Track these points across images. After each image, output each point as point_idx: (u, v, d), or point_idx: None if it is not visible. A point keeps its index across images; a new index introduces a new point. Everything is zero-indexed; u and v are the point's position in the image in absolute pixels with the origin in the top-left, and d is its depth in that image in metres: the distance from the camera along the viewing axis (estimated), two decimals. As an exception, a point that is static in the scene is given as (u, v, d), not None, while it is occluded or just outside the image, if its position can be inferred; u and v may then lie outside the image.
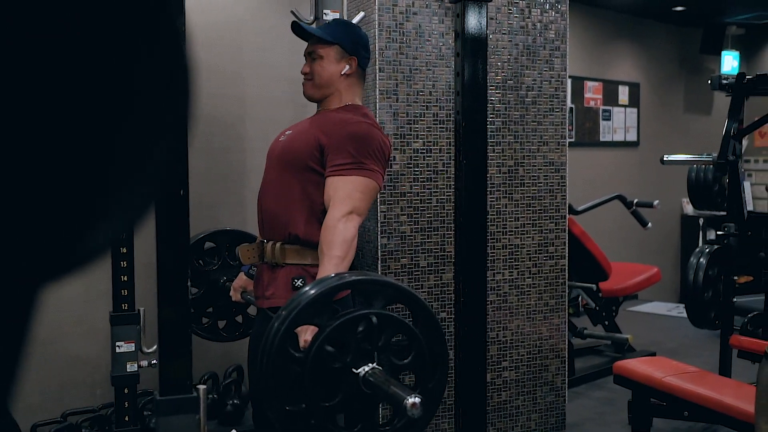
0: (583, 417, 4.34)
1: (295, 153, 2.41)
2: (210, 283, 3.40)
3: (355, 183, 2.29)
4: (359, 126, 2.37)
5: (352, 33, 2.54)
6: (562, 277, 3.89)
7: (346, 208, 2.26)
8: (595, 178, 7.29)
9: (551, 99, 3.81)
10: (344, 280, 1.77)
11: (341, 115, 2.44)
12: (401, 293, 1.83)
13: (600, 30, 7.50)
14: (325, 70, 2.49)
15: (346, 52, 2.50)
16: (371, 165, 2.33)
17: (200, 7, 4.23)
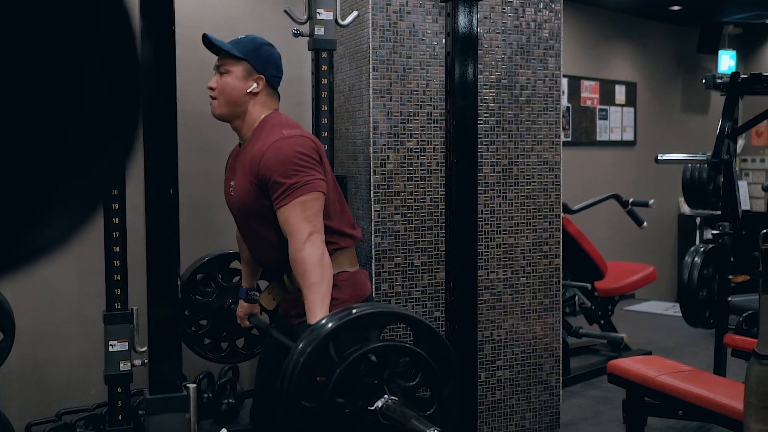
0: (578, 416, 4.34)
1: (248, 206, 2.43)
2: (215, 311, 3.44)
3: (298, 206, 2.29)
4: (273, 149, 2.34)
5: (263, 51, 2.50)
6: (557, 276, 3.89)
7: (303, 234, 2.27)
8: (591, 177, 7.30)
9: (545, 98, 3.82)
10: (334, 326, 1.79)
11: (258, 145, 2.40)
12: (393, 317, 1.86)
13: (597, 29, 7.50)
14: (231, 86, 2.45)
15: (255, 70, 2.46)
16: (302, 177, 2.31)
17: (195, 6, 4.23)
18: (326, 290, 2.25)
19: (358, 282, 2.53)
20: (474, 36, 2.19)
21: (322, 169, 2.40)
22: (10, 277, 0.37)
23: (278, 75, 2.54)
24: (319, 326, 1.84)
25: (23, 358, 3.73)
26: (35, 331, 3.77)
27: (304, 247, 2.26)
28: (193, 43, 4.18)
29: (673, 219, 8.53)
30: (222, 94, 2.46)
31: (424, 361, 1.79)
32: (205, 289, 3.49)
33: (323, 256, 2.28)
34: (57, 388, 3.86)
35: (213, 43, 2.49)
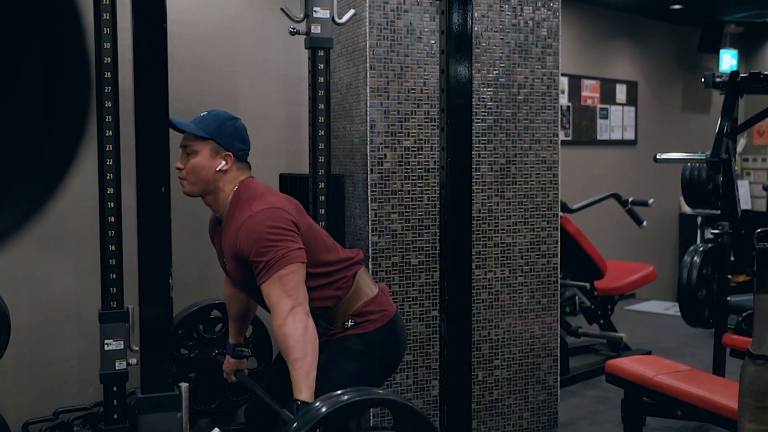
0: (577, 415, 4.33)
1: (247, 282, 2.46)
2: (202, 364, 3.51)
3: (277, 281, 2.30)
4: (244, 229, 2.34)
5: (227, 127, 2.47)
6: (555, 275, 3.88)
7: (284, 310, 2.28)
8: (592, 176, 7.28)
9: (543, 97, 3.80)
10: (324, 414, 1.83)
11: (233, 225, 2.40)
12: (372, 402, 1.87)
13: (597, 28, 7.48)
14: (199, 165, 2.43)
15: (222, 147, 2.46)
16: (277, 252, 2.31)
17: (193, 4, 4.22)
18: (310, 365, 2.26)
19: (381, 302, 2.58)
20: (468, 34, 2.17)
21: (298, 235, 2.39)
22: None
23: (245, 148, 2.52)
24: (311, 409, 1.89)
25: (21, 356, 3.72)
26: (33, 329, 3.76)
27: (285, 323, 2.27)
28: (191, 41, 4.19)
29: (674, 218, 8.52)
30: (191, 173, 2.44)
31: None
32: (187, 343, 3.55)
33: (306, 329, 2.29)
34: (54, 387, 3.86)
35: (176, 126, 2.47)
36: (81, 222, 3.69)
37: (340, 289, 2.52)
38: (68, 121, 0.38)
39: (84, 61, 0.37)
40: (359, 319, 2.52)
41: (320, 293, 2.48)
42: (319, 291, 2.47)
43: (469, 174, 2.22)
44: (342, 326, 2.52)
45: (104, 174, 3.06)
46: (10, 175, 0.36)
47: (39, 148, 0.38)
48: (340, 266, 2.53)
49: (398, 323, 2.63)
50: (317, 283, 2.46)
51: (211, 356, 3.53)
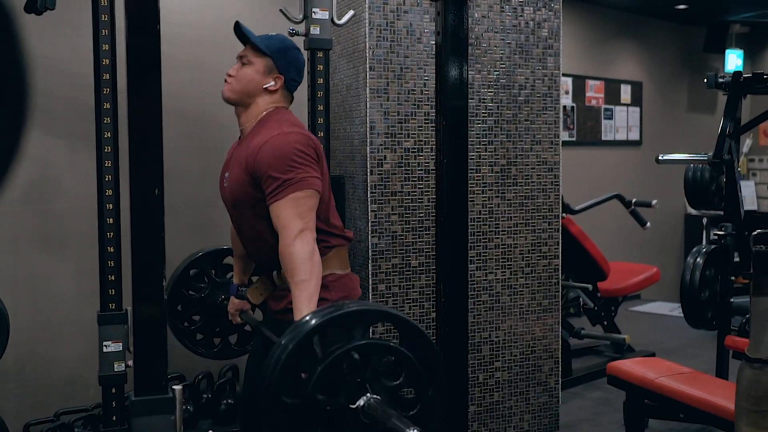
0: (579, 417, 4.32)
1: (241, 198, 2.42)
2: (208, 306, 3.48)
3: (291, 202, 2.28)
4: (271, 144, 2.33)
5: (290, 53, 2.50)
6: (556, 277, 3.86)
7: (294, 230, 2.26)
8: (596, 177, 7.26)
9: (544, 98, 3.79)
10: (319, 321, 1.76)
11: (257, 138, 2.39)
12: (379, 315, 1.83)
13: (602, 28, 7.46)
14: (249, 77, 2.45)
15: (276, 69, 2.47)
16: (298, 174, 2.30)
17: (193, 6, 4.22)
18: (314, 288, 2.24)
19: (347, 285, 2.52)
20: (464, 35, 2.17)
21: (320, 168, 2.39)
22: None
23: (297, 80, 2.54)
24: (303, 322, 1.82)
25: (21, 358, 3.73)
26: (33, 331, 3.76)
27: (294, 243, 2.25)
28: (192, 42, 4.19)
29: (680, 219, 8.48)
30: (239, 82, 2.47)
31: (409, 361, 1.76)
32: (197, 285, 3.51)
33: (313, 253, 2.27)
34: (55, 388, 3.86)
35: (243, 32, 2.49)
36: (81, 223, 3.69)
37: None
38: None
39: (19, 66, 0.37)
40: (320, 293, 2.36)
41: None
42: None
43: (465, 175, 2.21)
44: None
45: (103, 175, 3.05)
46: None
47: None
48: (328, 228, 2.49)
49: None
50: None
51: (217, 300, 3.47)
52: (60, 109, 3.78)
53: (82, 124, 3.41)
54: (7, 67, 3.57)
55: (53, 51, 3.74)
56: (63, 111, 3.78)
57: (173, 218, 4.09)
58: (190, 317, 3.54)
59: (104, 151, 3.06)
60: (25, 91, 3.65)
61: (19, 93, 3.66)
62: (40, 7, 2.88)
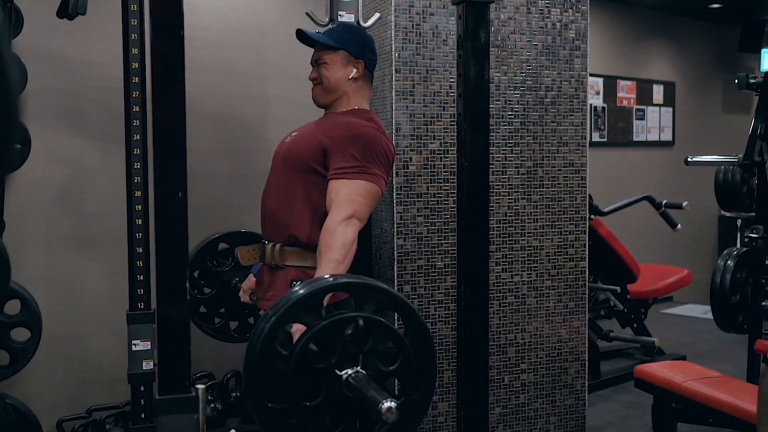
0: (606, 420, 4.29)
1: (299, 155, 2.42)
2: (222, 283, 3.51)
3: (358, 187, 2.29)
4: (363, 129, 2.37)
5: (357, 36, 2.54)
6: (582, 279, 3.85)
7: (348, 212, 2.26)
8: (627, 178, 7.20)
9: (571, 99, 3.78)
10: (336, 282, 1.77)
11: (347, 118, 2.44)
12: (393, 300, 1.81)
13: (633, 28, 7.40)
14: (333, 74, 2.50)
15: (352, 56, 2.50)
16: (374, 169, 2.32)
17: (221, 9, 4.27)
18: (341, 273, 2.24)
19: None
20: (486, 38, 2.17)
21: (387, 179, 2.43)
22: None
23: (374, 58, 2.60)
24: (321, 278, 1.82)
25: (54, 355, 3.80)
26: (66, 328, 3.84)
27: (342, 223, 2.25)
28: (219, 45, 4.24)
29: (713, 221, 8.38)
30: (326, 83, 2.53)
31: (407, 352, 1.75)
32: (221, 260, 3.55)
33: (354, 242, 2.27)
34: (87, 385, 3.93)
35: (309, 37, 2.53)
36: (112, 224, 3.75)
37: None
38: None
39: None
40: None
41: (315, 227, 2.41)
42: (316, 224, 2.41)
43: (486, 178, 2.21)
44: (290, 284, 2.38)
45: (132, 177, 3.10)
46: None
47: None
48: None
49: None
50: (316, 219, 2.41)
51: (232, 281, 3.49)
52: (92, 112, 3.85)
53: (113, 126, 3.46)
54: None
55: (85, 55, 3.81)
56: (95, 114, 3.85)
57: (201, 220, 4.15)
58: (201, 288, 3.56)
59: (133, 154, 3.11)
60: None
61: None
62: (71, 12, 2.94)
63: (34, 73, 3.22)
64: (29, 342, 3.00)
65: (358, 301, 1.75)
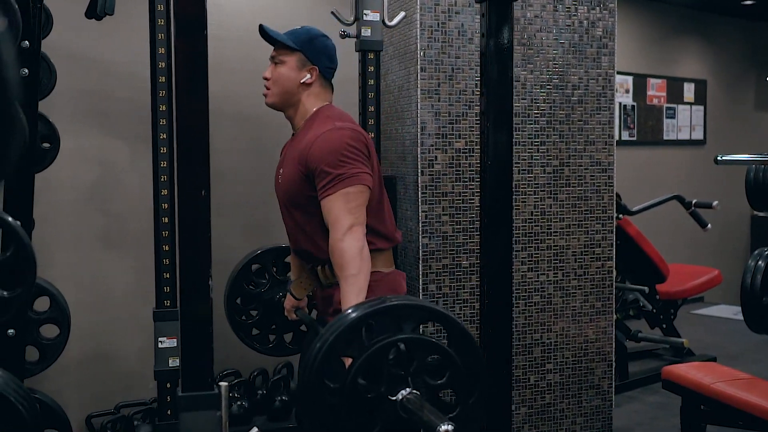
0: (634, 422, 4.25)
1: (294, 193, 2.45)
2: (266, 302, 3.57)
3: (342, 197, 2.30)
4: (323, 139, 2.36)
5: (317, 42, 2.52)
6: (609, 279, 3.81)
7: (344, 225, 2.28)
8: (657, 178, 7.13)
9: (598, 98, 3.75)
10: (368, 310, 1.78)
11: (309, 134, 2.42)
12: (431, 313, 1.82)
13: (663, 25, 7.31)
14: (284, 76, 2.49)
15: (308, 61, 2.49)
16: (349, 169, 2.32)
17: (251, 11, 4.30)
18: (363, 283, 2.25)
19: (392, 282, 2.53)
20: (509, 36, 2.16)
21: (370, 164, 2.42)
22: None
23: (332, 66, 2.56)
24: (353, 309, 1.83)
25: (84, 352, 3.85)
26: (95, 326, 3.88)
27: (344, 238, 2.27)
28: (247, 45, 4.26)
29: (746, 220, 8.27)
30: (276, 84, 2.51)
31: (454, 362, 1.76)
32: (258, 280, 3.59)
33: (363, 248, 2.28)
34: (116, 382, 3.97)
35: (268, 34, 2.53)
36: (141, 222, 3.79)
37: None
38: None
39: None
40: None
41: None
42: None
43: (510, 177, 2.20)
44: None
45: (158, 175, 3.14)
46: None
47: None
48: (377, 229, 2.49)
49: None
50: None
51: (276, 297, 3.55)
52: (120, 111, 3.89)
53: (142, 126, 3.50)
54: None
55: (114, 55, 3.86)
56: (123, 113, 3.89)
57: (229, 218, 4.19)
58: (248, 311, 3.62)
59: (160, 152, 3.15)
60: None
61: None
62: (99, 13, 2.98)
63: (64, 72, 3.26)
64: (58, 338, 3.04)
65: (396, 321, 1.76)
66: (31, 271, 1.98)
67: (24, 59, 2.40)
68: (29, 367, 2.96)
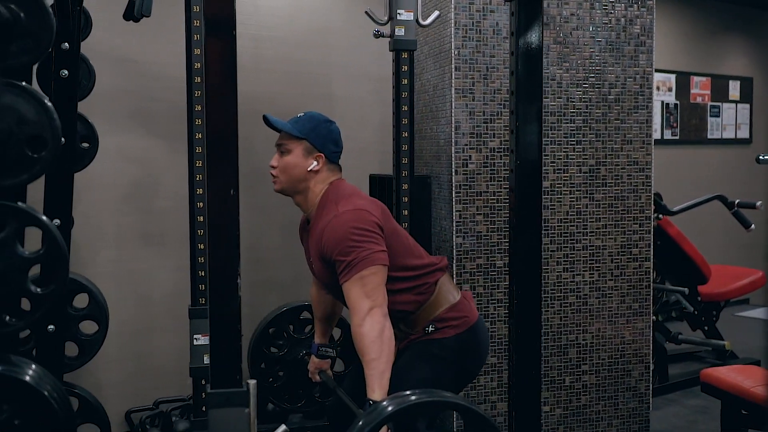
0: (672, 425, 4.19)
1: (331, 281, 2.50)
2: (290, 363, 3.70)
3: (358, 282, 2.33)
4: (329, 229, 2.39)
5: (322, 128, 2.52)
6: (647, 280, 3.76)
7: (363, 310, 2.32)
8: (701, 177, 7.01)
9: (636, 96, 3.70)
10: (392, 410, 1.87)
11: (319, 224, 2.45)
12: (438, 404, 1.88)
13: (707, 22, 7.18)
14: (292, 164, 2.50)
15: (315, 148, 2.50)
16: (360, 253, 2.33)
17: (289, 12, 4.33)
18: (384, 366, 2.30)
19: (463, 308, 2.58)
20: (539, 35, 2.15)
21: (382, 237, 2.42)
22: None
23: (337, 150, 2.58)
24: (378, 408, 1.93)
25: (124, 348, 3.91)
26: (135, 323, 3.95)
27: (363, 323, 2.31)
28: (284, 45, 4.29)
29: (794, 221, 8.09)
30: (283, 172, 2.53)
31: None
32: (277, 342, 3.69)
33: (383, 331, 2.32)
34: (156, 378, 4.03)
35: (272, 123, 2.56)
36: (179, 221, 3.84)
37: (422, 294, 2.54)
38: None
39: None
40: (440, 325, 2.53)
41: (402, 297, 2.51)
42: (400, 295, 2.50)
43: (539, 177, 2.19)
44: (423, 331, 2.54)
45: (194, 175, 3.19)
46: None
47: None
48: (423, 271, 2.55)
49: (480, 329, 2.61)
50: (399, 286, 2.49)
51: (298, 356, 3.64)
52: (159, 111, 3.95)
53: (180, 125, 3.55)
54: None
55: (152, 56, 3.91)
56: (162, 113, 3.95)
57: (266, 217, 4.23)
58: (274, 374, 3.71)
59: (195, 152, 3.20)
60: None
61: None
62: (137, 14, 3.03)
63: (103, 74, 3.32)
64: (96, 334, 3.10)
65: (415, 421, 1.81)
66: (63, 269, 2.03)
67: (64, 61, 2.45)
68: (69, 363, 3.02)
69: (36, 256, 2.00)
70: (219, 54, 1.91)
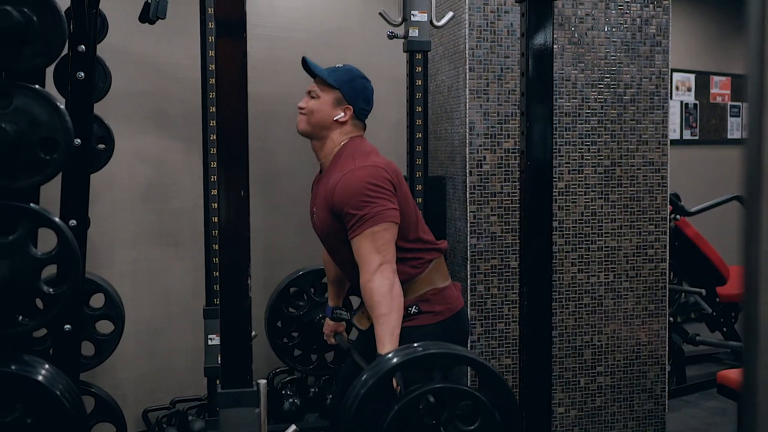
0: (689, 427, 4.16)
1: (330, 233, 2.49)
2: (306, 324, 3.66)
3: (368, 237, 2.32)
4: (344, 181, 2.37)
5: (357, 83, 2.52)
6: (663, 281, 3.74)
7: (372, 265, 2.31)
8: (720, 177, 6.95)
9: (652, 96, 3.68)
10: (397, 361, 1.83)
11: (333, 176, 2.44)
12: (459, 359, 1.85)
13: (727, 22, 7.12)
14: (320, 109, 2.50)
15: (345, 100, 2.49)
16: (373, 208, 2.32)
17: (305, 12, 4.34)
18: (395, 322, 2.28)
19: (449, 296, 2.55)
20: (549, 36, 2.15)
21: (395, 196, 2.42)
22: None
23: (367, 108, 2.57)
24: (383, 360, 1.89)
25: (141, 347, 3.95)
26: (152, 322, 3.98)
27: (373, 278, 2.30)
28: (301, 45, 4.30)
29: (815, 222, 7.99)
30: (312, 114, 2.53)
31: (485, 407, 1.78)
32: (297, 303, 3.67)
33: (393, 286, 2.31)
34: (173, 377, 4.06)
35: (310, 67, 2.56)
36: (194, 221, 3.87)
37: (415, 268, 2.50)
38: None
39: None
40: (424, 307, 2.49)
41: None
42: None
43: (550, 178, 2.19)
44: (406, 310, 2.45)
45: (209, 176, 3.21)
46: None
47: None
48: (422, 246, 2.52)
49: (462, 319, 2.59)
50: (396, 254, 2.45)
51: (315, 319, 3.62)
52: (175, 112, 3.98)
53: (195, 126, 3.58)
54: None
55: (167, 57, 3.94)
56: (177, 114, 3.98)
57: (283, 216, 4.25)
58: (289, 333, 3.70)
59: (210, 153, 3.22)
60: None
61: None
62: (152, 17, 3.05)
63: (119, 75, 3.35)
64: (113, 334, 3.13)
65: (426, 369, 1.79)
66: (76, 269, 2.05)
67: (80, 63, 2.48)
68: (85, 362, 3.05)
69: (49, 256, 2.03)
70: (230, 56, 1.92)
